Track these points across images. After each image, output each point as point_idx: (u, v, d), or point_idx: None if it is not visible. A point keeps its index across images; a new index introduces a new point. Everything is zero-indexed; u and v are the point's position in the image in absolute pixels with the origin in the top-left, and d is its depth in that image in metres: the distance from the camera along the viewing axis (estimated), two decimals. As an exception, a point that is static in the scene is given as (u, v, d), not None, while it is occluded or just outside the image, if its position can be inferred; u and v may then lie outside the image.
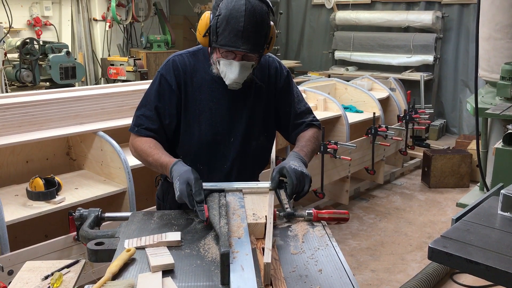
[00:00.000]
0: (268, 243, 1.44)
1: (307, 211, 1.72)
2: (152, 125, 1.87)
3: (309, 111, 2.08)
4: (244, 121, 1.92)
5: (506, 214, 1.94)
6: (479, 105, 3.80)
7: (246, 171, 1.98)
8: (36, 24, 7.32)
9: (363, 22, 7.88)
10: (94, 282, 1.29)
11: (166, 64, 1.92)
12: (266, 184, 1.83)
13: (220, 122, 1.90)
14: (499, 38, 4.40)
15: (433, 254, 1.69)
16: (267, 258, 1.33)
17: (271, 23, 1.80)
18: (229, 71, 1.77)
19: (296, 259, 1.46)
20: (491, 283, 3.12)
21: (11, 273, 2.35)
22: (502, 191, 1.94)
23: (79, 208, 1.75)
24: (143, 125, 1.87)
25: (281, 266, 1.42)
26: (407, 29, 7.55)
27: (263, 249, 1.45)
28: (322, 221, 1.71)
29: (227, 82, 1.81)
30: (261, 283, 1.30)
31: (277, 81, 1.99)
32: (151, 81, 1.97)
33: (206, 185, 1.76)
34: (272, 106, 2.00)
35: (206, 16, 1.77)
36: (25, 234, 2.92)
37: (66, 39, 7.67)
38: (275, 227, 1.63)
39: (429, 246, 1.70)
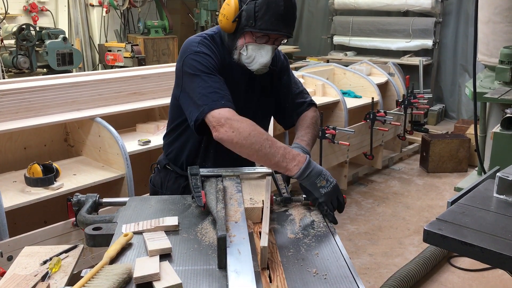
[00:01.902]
0: (265, 227, 1.45)
1: (304, 195, 1.72)
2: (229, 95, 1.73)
3: (306, 91, 2.13)
4: (254, 106, 1.94)
5: (501, 196, 1.95)
6: (478, 90, 3.80)
7: None
8: (33, 10, 7.25)
9: (362, 7, 7.82)
10: (92, 267, 1.30)
11: (199, 43, 1.78)
12: (263, 169, 1.84)
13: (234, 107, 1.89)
14: (498, 22, 4.37)
15: (428, 236, 1.70)
16: (264, 241, 1.34)
17: None
18: (259, 55, 1.77)
19: (293, 243, 1.47)
20: (487, 265, 3.17)
21: (10, 258, 2.36)
22: (498, 173, 1.95)
23: (77, 194, 1.76)
24: (226, 96, 1.71)
25: (278, 249, 1.43)
26: (406, 13, 7.49)
27: (260, 233, 1.46)
28: (319, 205, 1.72)
29: (255, 67, 1.80)
30: (258, 267, 1.31)
31: (275, 64, 2.00)
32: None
33: (203, 171, 1.77)
34: (272, 91, 2.02)
35: (234, 1, 1.74)
36: (24, 220, 2.94)
37: (63, 25, 7.60)
38: (272, 211, 1.64)
39: (424, 229, 1.72)
